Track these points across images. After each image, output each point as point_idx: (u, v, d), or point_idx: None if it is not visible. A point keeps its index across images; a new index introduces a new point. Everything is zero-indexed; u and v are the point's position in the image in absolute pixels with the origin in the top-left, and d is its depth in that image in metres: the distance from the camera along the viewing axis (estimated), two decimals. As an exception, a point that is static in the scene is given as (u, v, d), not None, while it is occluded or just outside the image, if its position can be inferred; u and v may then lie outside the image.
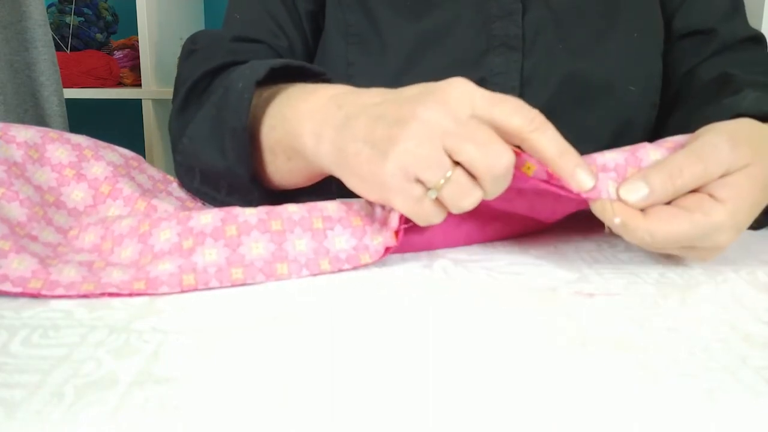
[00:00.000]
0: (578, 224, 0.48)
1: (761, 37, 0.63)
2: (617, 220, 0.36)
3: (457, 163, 0.34)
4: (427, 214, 0.36)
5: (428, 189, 0.35)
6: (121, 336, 0.29)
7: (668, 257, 0.41)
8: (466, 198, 0.35)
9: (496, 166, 0.34)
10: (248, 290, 0.35)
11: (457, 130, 0.34)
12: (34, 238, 0.38)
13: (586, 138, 0.60)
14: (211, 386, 0.25)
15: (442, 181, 0.34)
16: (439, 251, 0.42)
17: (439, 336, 0.29)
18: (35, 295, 0.33)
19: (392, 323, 0.31)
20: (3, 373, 0.25)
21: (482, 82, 0.57)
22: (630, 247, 0.43)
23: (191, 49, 0.57)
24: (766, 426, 0.22)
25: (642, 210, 0.36)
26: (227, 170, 0.46)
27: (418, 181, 0.35)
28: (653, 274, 0.38)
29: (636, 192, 0.36)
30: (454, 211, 0.36)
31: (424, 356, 0.27)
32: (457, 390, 0.25)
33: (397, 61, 0.58)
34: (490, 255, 0.42)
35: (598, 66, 0.59)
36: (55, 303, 0.33)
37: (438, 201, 0.36)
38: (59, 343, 0.28)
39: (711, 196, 0.36)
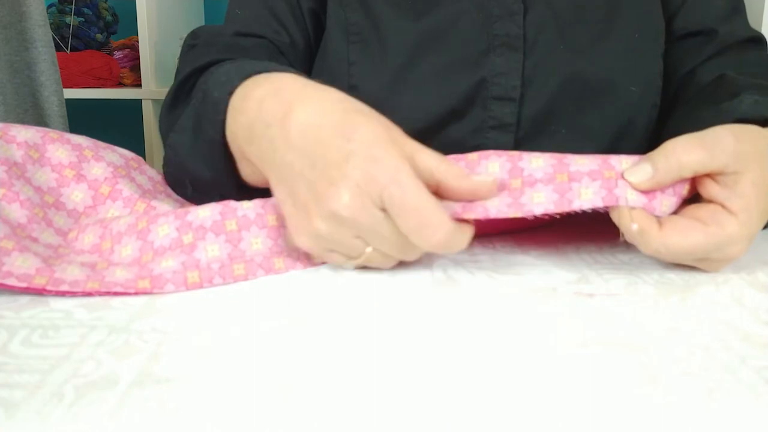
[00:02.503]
0: (578, 224, 0.48)
1: (762, 38, 0.63)
2: (635, 226, 0.35)
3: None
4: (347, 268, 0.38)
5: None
6: (121, 336, 0.29)
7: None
8: (386, 264, 0.38)
9: (408, 255, 0.37)
10: (247, 290, 0.35)
11: (368, 228, 0.34)
12: (35, 240, 0.38)
13: (588, 138, 0.60)
14: (211, 386, 0.25)
15: (360, 257, 0.36)
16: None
17: (439, 336, 0.29)
18: (40, 291, 0.33)
19: (392, 323, 0.31)
20: (3, 373, 0.25)
21: (483, 83, 0.57)
22: (630, 248, 0.43)
23: (191, 44, 0.57)
24: (766, 426, 0.22)
25: (658, 221, 0.36)
26: (215, 180, 0.46)
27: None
28: (653, 274, 0.38)
29: (641, 173, 0.36)
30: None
31: (424, 356, 0.27)
32: (458, 390, 0.25)
33: (398, 60, 0.58)
34: (490, 255, 0.42)
35: (599, 66, 0.59)
36: (55, 303, 0.33)
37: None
38: (59, 343, 0.28)
39: (723, 207, 0.36)
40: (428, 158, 0.36)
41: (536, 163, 0.37)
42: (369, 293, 0.35)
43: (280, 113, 0.37)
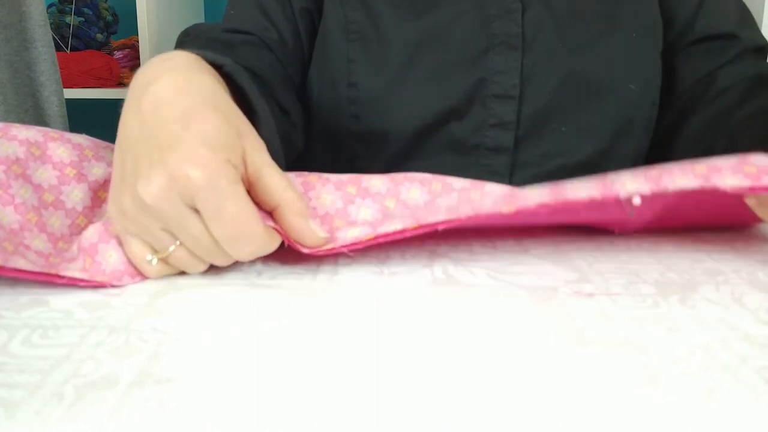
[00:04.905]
0: (579, 224, 0.48)
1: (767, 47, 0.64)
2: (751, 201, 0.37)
3: None
4: (149, 273, 0.36)
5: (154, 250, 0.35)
6: (121, 336, 0.29)
7: (671, 253, 0.41)
8: (194, 268, 0.36)
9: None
10: (248, 290, 0.35)
11: (174, 222, 0.33)
12: (27, 248, 0.39)
13: (587, 136, 0.60)
14: (211, 386, 0.25)
15: (163, 252, 0.35)
16: (440, 251, 0.42)
17: (438, 335, 0.29)
18: (53, 279, 0.34)
19: (392, 323, 0.31)
20: (3, 373, 0.25)
21: (483, 81, 0.57)
22: (630, 247, 0.43)
23: (182, 40, 0.57)
24: (766, 426, 0.22)
25: None
26: None
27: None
28: (653, 274, 0.38)
29: None
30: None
31: (424, 356, 0.27)
32: (457, 390, 0.25)
33: (398, 59, 0.58)
34: (490, 255, 0.42)
35: (598, 65, 0.59)
36: (55, 303, 0.33)
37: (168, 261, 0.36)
38: (59, 343, 0.28)
39: None
40: (276, 179, 0.35)
41: (532, 195, 0.36)
42: (369, 292, 0.35)
43: (146, 80, 0.36)
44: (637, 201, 0.34)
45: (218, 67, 0.42)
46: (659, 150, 0.64)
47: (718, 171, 0.33)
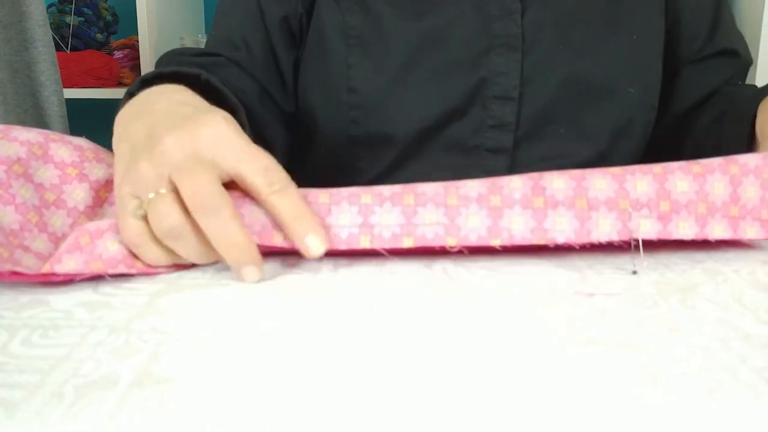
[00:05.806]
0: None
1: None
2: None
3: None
4: (131, 229, 0.36)
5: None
6: (121, 336, 0.29)
7: (671, 253, 0.41)
8: (162, 222, 0.35)
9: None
10: (248, 290, 0.35)
11: (177, 173, 0.34)
12: (27, 249, 0.38)
13: (586, 138, 0.60)
14: (211, 386, 0.25)
15: (150, 196, 0.35)
16: (440, 250, 0.42)
17: (438, 336, 0.29)
18: (49, 278, 0.34)
19: (392, 323, 0.31)
20: (3, 373, 0.25)
21: (483, 82, 0.57)
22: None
23: (157, 65, 0.58)
24: (766, 426, 0.22)
25: None
26: None
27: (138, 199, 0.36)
28: (653, 274, 0.38)
29: None
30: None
31: (424, 356, 0.27)
32: (457, 390, 0.25)
33: (398, 59, 0.58)
34: (490, 255, 0.42)
35: (598, 67, 0.59)
36: (55, 303, 0.33)
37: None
38: (59, 343, 0.28)
39: None
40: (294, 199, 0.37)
41: (557, 184, 0.39)
42: (369, 292, 0.35)
43: (139, 106, 0.41)
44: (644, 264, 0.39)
45: (196, 78, 0.45)
46: (657, 151, 0.65)
47: (712, 213, 0.40)
